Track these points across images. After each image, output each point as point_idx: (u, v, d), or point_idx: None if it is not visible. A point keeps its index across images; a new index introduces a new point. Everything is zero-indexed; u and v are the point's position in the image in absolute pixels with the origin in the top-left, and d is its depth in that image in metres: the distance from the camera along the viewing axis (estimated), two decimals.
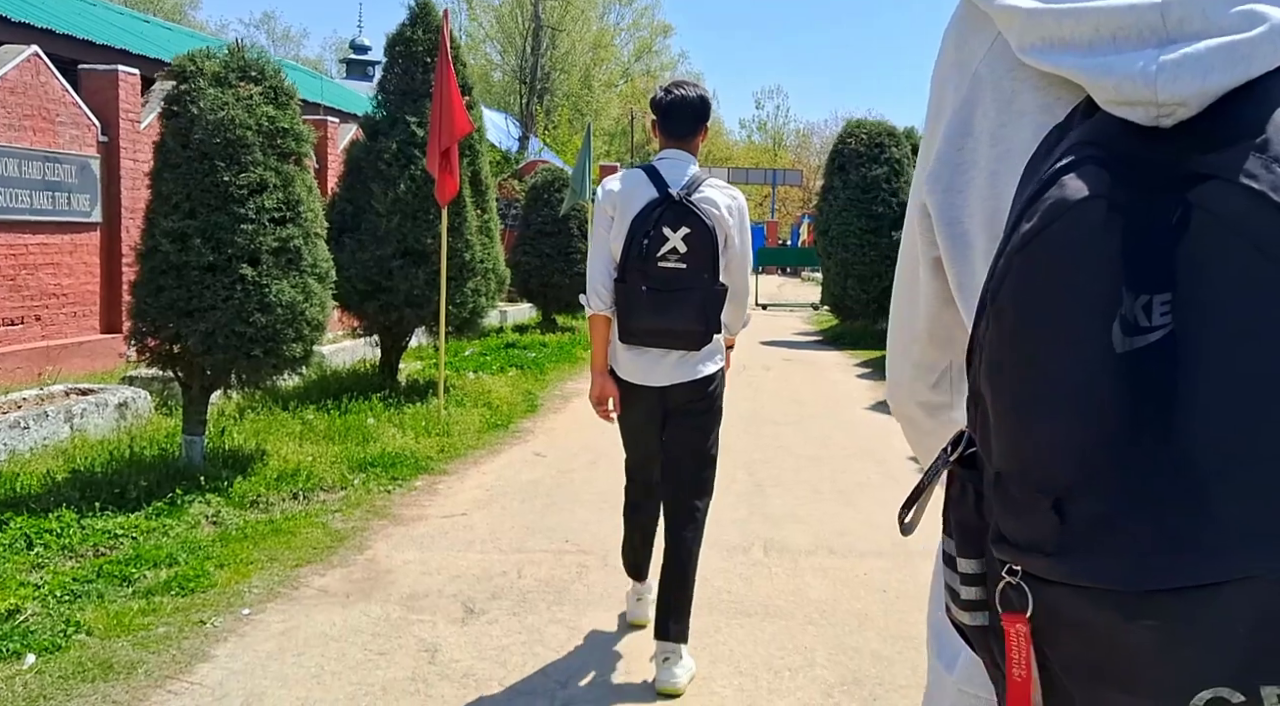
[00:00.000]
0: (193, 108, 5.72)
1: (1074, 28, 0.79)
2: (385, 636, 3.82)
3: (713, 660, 3.62)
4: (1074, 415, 0.69)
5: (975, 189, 0.90)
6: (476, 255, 8.58)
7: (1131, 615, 0.66)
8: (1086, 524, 0.68)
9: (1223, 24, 0.73)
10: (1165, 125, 0.72)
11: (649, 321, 3.33)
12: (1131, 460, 0.66)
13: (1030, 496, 0.71)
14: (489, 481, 6.31)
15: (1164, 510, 0.65)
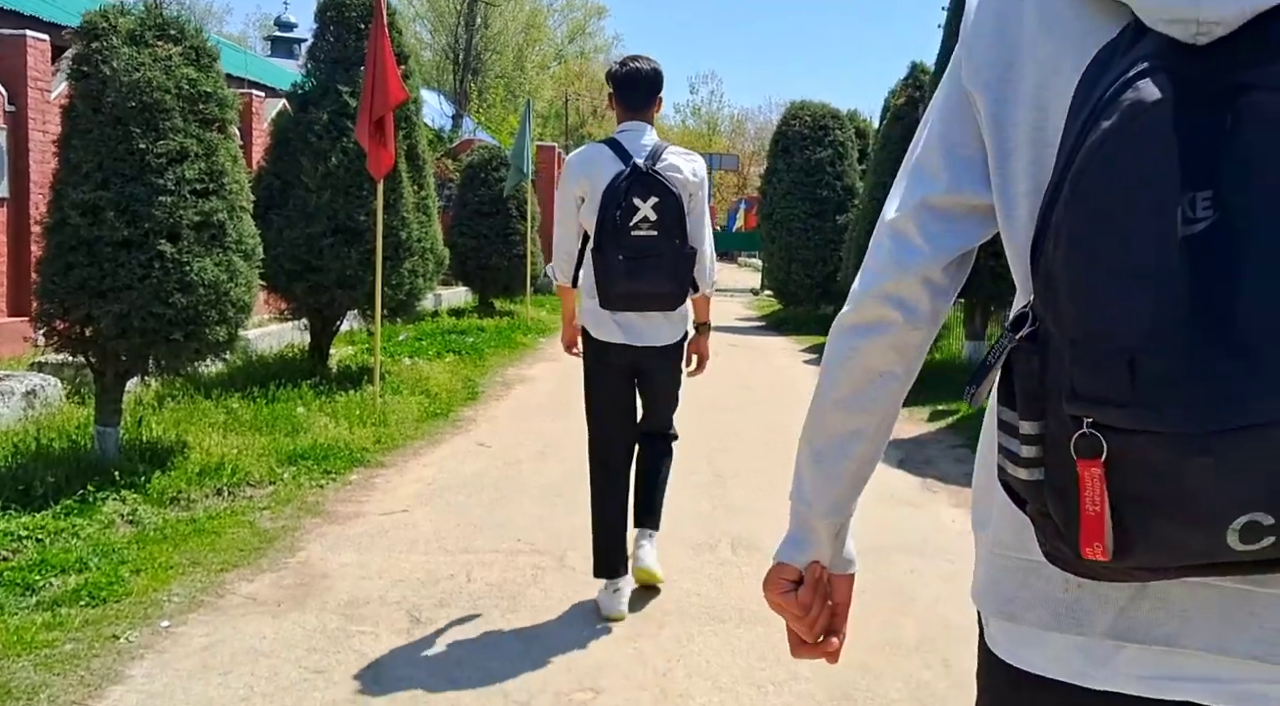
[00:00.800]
0: (104, 68, 5.22)
1: None
2: (322, 651, 3.44)
3: (689, 673, 3.31)
4: (1145, 287, 0.81)
5: (1022, 99, 0.98)
6: (413, 234, 8.15)
7: (1190, 453, 0.79)
8: (1154, 379, 0.80)
9: None
10: (1201, 43, 0.83)
11: (626, 286, 3.58)
12: (1192, 325, 0.79)
13: (1106, 358, 0.82)
14: (430, 474, 5.92)
15: (1217, 366, 0.78)
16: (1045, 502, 0.89)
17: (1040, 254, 0.89)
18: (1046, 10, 0.96)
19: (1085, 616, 0.98)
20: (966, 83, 1.04)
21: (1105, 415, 0.82)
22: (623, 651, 3.47)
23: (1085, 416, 0.83)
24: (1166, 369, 0.80)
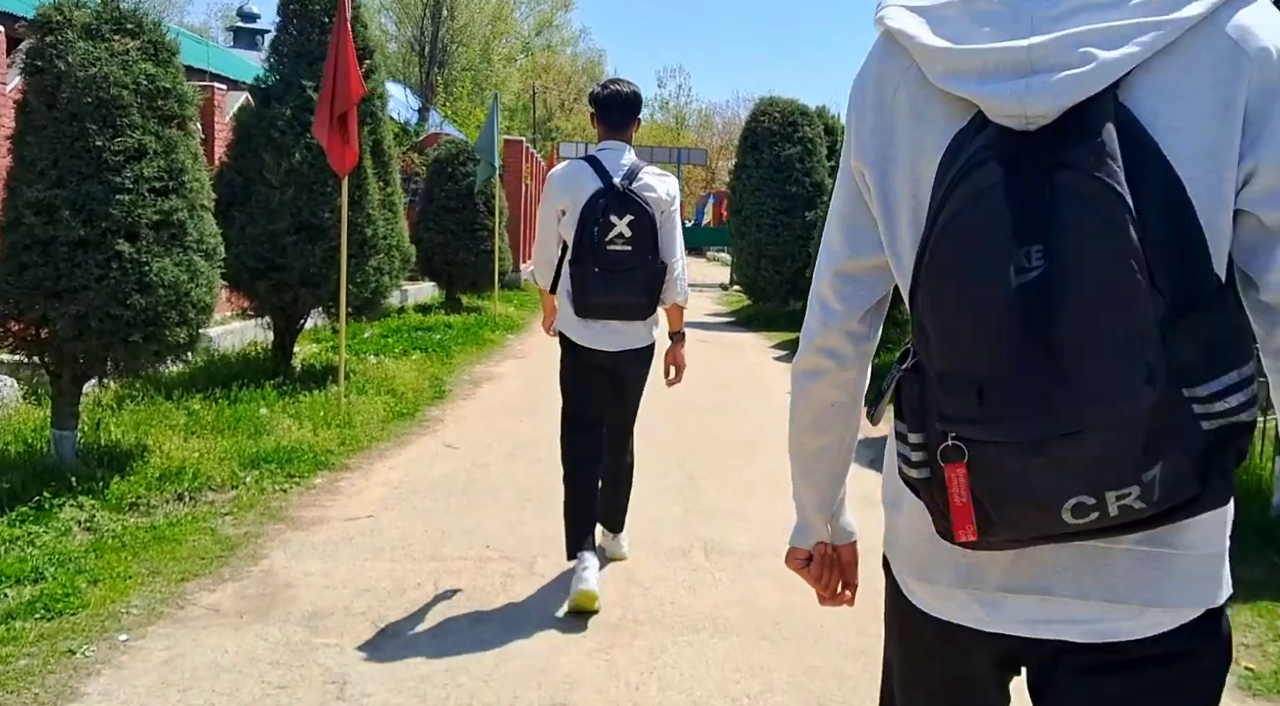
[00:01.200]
0: (59, 63, 5.08)
1: (971, 63, 1.15)
2: (285, 665, 3.35)
3: (662, 686, 3.25)
4: (986, 333, 1.07)
5: (900, 172, 1.24)
6: (379, 231, 8.03)
7: (1027, 456, 1.07)
8: (997, 403, 1.07)
9: (1068, 60, 1.09)
10: (1031, 130, 1.10)
11: (601, 297, 3.87)
12: (1023, 359, 1.05)
13: (961, 388, 1.10)
14: (396, 478, 5.82)
15: (1043, 389, 1.05)
16: (932, 495, 1.16)
17: (914, 304, 1.17)
18: (916, 101, 1.22)
19: (980, 575, 1.25)
20: (855, 158, 1.30)
21: (963, 430, 1.10)
22: (594, 664, 3.41)
23: (949, 431, 1.11)
24: (1005, 395, 1.07)
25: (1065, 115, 1.09)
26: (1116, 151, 1.06)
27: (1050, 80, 1.10)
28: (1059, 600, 1.21)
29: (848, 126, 1.33)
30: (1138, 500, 1.06)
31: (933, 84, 1.20)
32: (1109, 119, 1.08)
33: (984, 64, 1.14)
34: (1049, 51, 1.11)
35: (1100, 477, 1.06)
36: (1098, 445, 1.05)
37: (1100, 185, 1.04)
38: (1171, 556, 1.19)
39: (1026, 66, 1.11)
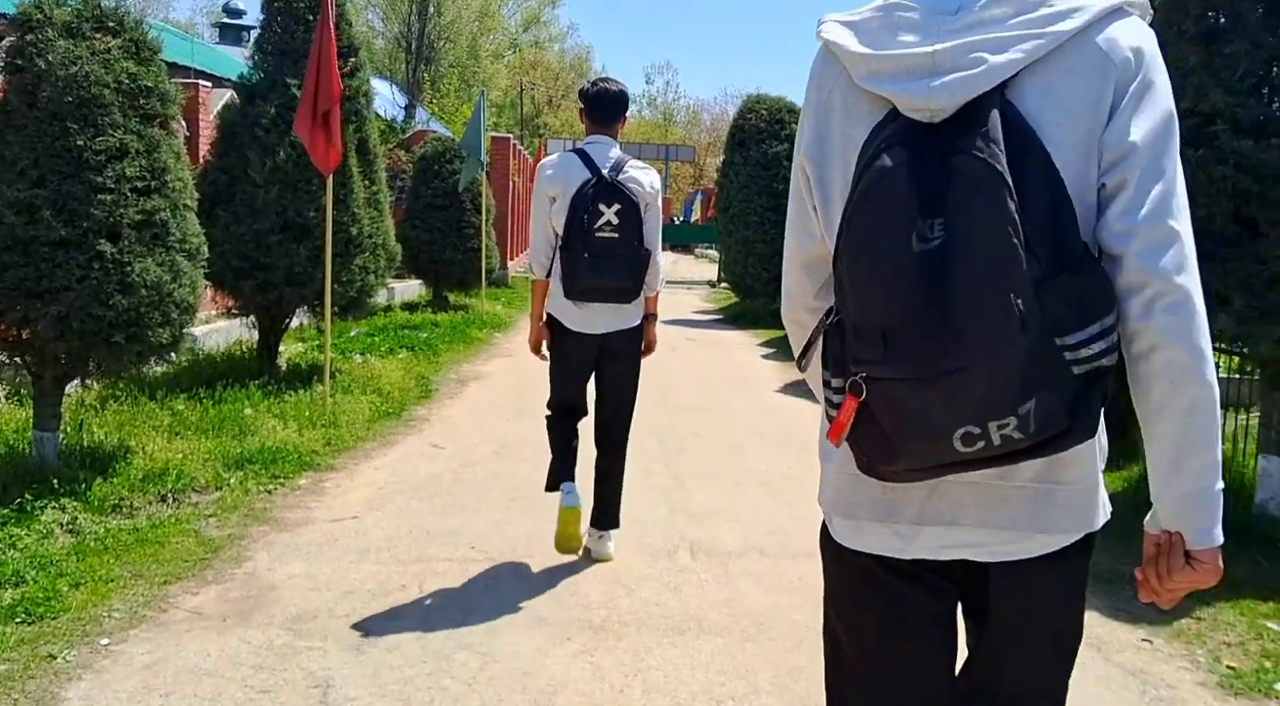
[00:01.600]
0: (40, 62, 5.03)
1: (886, 66, 1.39)
2: (268, 669, 3.33)
3: (646, 689, 3.24)
4: (891, 289, 1.29)
5: (834, 162, 1.47)
6: (364, 229, 7.99)
7: (922, 390, 1.28)
8: (898, 345, 1.29)
9: (962, 64, 1.33)
10: (935, 122, 1.34)
11: (590, 281, 4.10)
12: (922, 310, 1.27)
13: (870, 334, 1.32)
14: (382, 478, 5.80)
15: (936, 335, 1.27)
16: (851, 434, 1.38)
17: (837, 267, 1.39)
18: (846, 101, 1.46)
19: (896, 510, 1.47)
20: (801, 155, 1.53)
21: (871, 370, 1.32)
22: (579, 666, 3.39)
23: (860, 372, 1.34)
24: (904, 340, 1.29)
25: (961, 109, 1.32)
26: (1000, 139, 1.28)
27: (948, 80, 1.33)
28: (964, 528, 1.45)
29: (799, 129, 1.57)
30: (1016, 431, 1.26)
31: (858, 85, 1.42)
32: (994, 111, 1.31)
33: (896, 67, 1.38)
34: (948, 56, 1.34)
35: (983, 410, 1.26)
36: (981, 382, 1.25)
37: (985, 167, 1.27)
38: (1056, 490, 1.42)
39: (930, 69, 1.35)
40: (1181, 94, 4.85)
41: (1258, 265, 4.54)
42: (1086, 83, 1.33)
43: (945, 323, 1.25)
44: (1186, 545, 1.37)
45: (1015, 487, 1.42)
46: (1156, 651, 3.66)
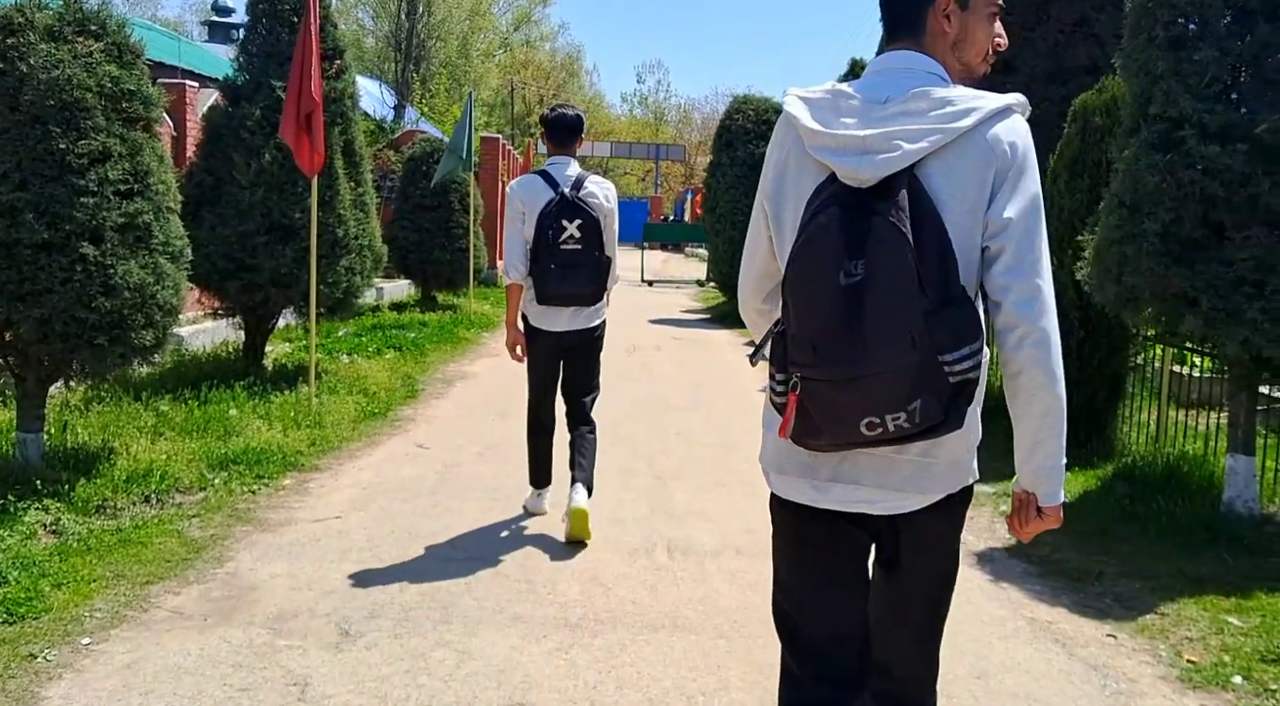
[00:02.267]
0: (21, 65, 5.05)
1: (830, 142, 1.85)
2: (248, 667, 3.38)
3: (620, 685, 3.29)
4: (820, 310, 1.75)
5: (787, 206, 1.94)
6: (350, 231, 8.03)
7: (839, 388, 1.75)
8: (824, 354, 1.75)
9: (885, 147, 1.79)
10: (863, 188, 1.79)
11: (557, 288, 4.70)
12: (842, 329, 1.72)
13: (804, 343, 1.78)
14: (366, 478, 5.85)
15: (852, 349, 1.72)
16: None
17: (784, 290, 1.85)
18: (800, 162, 1.91)
19: (817, 470, 1.96)
20: (762, 195, 2.01)
21: (803, 372, 1.79)
22: (554, 663, 3.45)
23: (796, 373, 1.80)
24: (828, 350, 1.74)
25: (881, 181, 1.78)
26: (907, 207, 1.75)
27: (875, 159, 1.79)
28: (864, 488, 1.93)
29: (763, 174, 2.02)
30: (905, 422, 1.73)
31: (808, 152, 1.88)
32: (904, 186, 1.76)
33: (837, 143, 1.83)
34: (875, 141, 1.80)
35: (882, 407, 1.72)
36: (882, 386, 1.72)
37: (895, 231, 1.73)
38: (932, 464, 1.90)
39: (861, 149, 1.80)
40: (1150, 99, 4.94)
41: (1224, 268, 4.62)
42: (975, 167, 1.80)
43: (859, 339, 1.72)
44: (1039, 503, 1.90)
45: (904, 460, 1.90)
46: (1120, 646, 3.74)
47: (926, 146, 1.78)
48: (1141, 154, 4.89)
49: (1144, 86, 4.99)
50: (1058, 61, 7.34)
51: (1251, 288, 4.57)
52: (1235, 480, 4.97)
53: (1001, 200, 1.80)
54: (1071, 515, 5.12)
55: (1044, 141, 6.84)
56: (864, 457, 1.90)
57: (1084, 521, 5.06)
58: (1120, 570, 4.46)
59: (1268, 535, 4.74)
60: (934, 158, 1.78)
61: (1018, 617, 3.98)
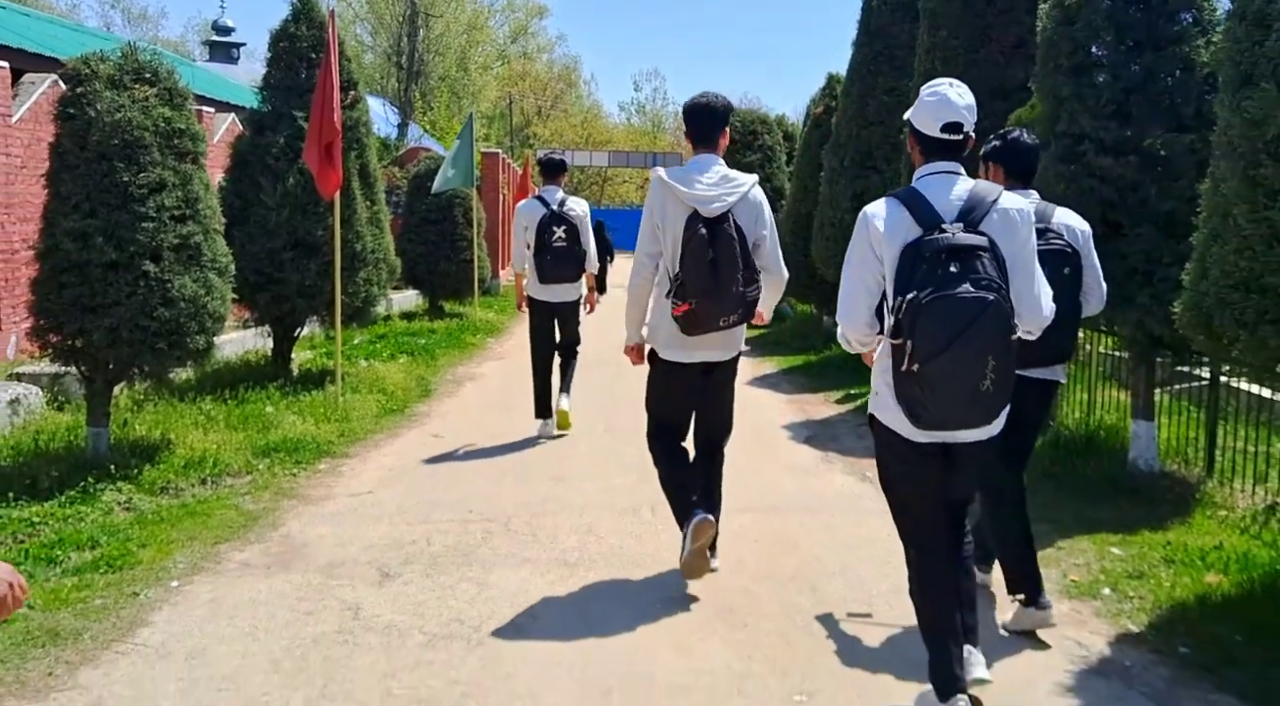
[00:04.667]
0: (89, 110, 5.90)
1: (691, 195, 4.19)
2: (309, 599, 4.20)
3: (606, 603, 4.12)
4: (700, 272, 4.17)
5: (670, 227, 4.24)
6: (367, 246, 8.86)
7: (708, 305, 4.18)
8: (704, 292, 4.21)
9: (719, 198, 4.19)
10: (711, 218, 4.17)
11: (551, 272, 7.29)
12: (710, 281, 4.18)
13: (693, 288, 4.19)
14: (390, 462, 6.67)
15: (716, 289, 4.14)
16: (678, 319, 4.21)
17: (679, 266, 4.19)
18: (674, 204, 4.21)
19: (687, 344, 4.29)
20: (654, 218, 4.29)
21: (693, 300, 4.13)
22: (555, 589, 4.28)
23: (689, 299, 4.13)
24: (704, 291, 4.12)
25: (721, 215, 4.15)
26: (733, 225, 4.16)
27: (715, 205, 4.16)
28: (712, 351, 4.34)
29: (651, 204, 4.32)
30: (734, 319, 4.22)
31: (680, 199, 4.18)
32: (729, 216, 4.17)
33: (696, 196, 4.17)
34: (714, 195, 4.18)
35: (728, 312, 4.17)
36: (728, 303, 4.15)
37: (730, 234, 4.14)
38: (738, 337, 4.38)
39: (710, 199, 4.17)
40: (1058, 118, 5.76)
41: (1120, 260, 5.43)
42: (750, 209, 4.25)
43: (719, 285, 4.11)
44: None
45: (731, 334, 4.31)
46: None
47: (734, 199, 4.18)
48: (1051, 165, 5.70)
49: (1053, 107, 5.81)
50: (1000, 79, 8.15)
51: (1142, 277, 5.39)
52: (1138, 442, 5.79)
53: (761, 227, 4.28)
54: None
55: None
56: (715, 337, 4.25)
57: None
58: (1033, 517, 5.25)
59: (1162, 488, 5.55)
60: (738, 204, 4.19)
61: None
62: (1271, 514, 4.95)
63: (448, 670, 3.53)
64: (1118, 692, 3.41)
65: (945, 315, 2.81)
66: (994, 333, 2.84)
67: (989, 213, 3.00)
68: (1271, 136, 3.57)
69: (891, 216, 3.03)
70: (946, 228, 2.95)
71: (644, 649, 3.72)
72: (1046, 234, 3.82)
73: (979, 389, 2.86)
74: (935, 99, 3.09)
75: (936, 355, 2.82)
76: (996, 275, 2.91)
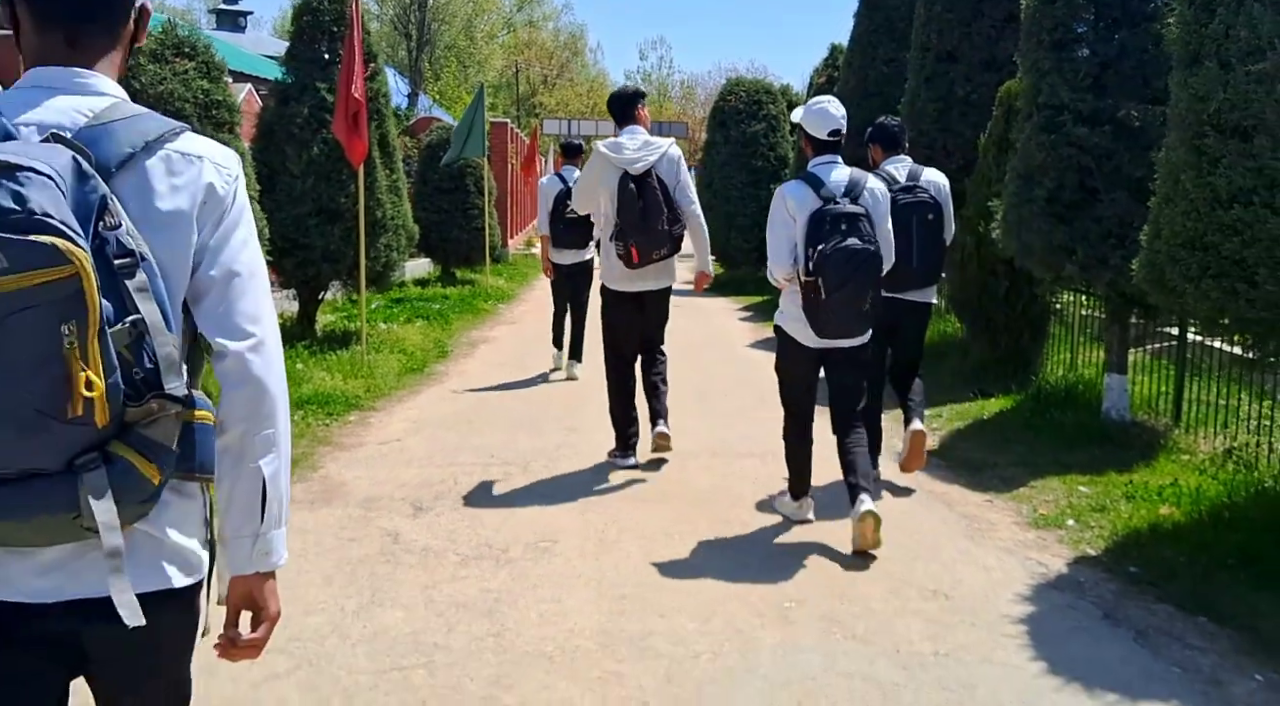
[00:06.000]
0: (134, 83, 6.34)
1: (621, 158, 5.38)
2: (352, 528, 4.68)
3: (620, 529, 4.60)
4: (634, 217, 5.39)
5: (607, 183, 5.41)
6: (388, 213, 9.30)
7: (646, 243, 5.41)
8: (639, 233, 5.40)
9: (643, 159, 5.39)
10: (636, 175, 5.37)
11: (563, 239, 8.30)
12: (641, 223, 5.38)
13: (630, 230, 5.40)
14: (415, 414, 7.14)
15: (649, 229, 5.36)
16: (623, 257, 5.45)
17: (618, 215, 5.37)
18: (610, 167, 5.39)
19: (632, 277, 5.55)
20: (595, 179, 5.47)
21: (632, 239, 5.31)
22: (574, 519, 4.76)
23: (630, 241, 5.32)
24: (639, 232, 5.29)
25: (645, 171, 5.35)
26: (655, 179, 5.37)
27: (638, 165, 5.32)
28: (647, 281, 5.56)
29: (593, 167, 5.53)
30: (667, 252, 5.50)
31: (613, 163, 5.33)
32: (653, 173, 5.41)
33: (625, 159, 5.34)
34: (639, 156, 5.35)
35: (659, 247, 5.39)
36: (659, 239, 5.38)
37: (653, 186, 5.34)
38: (671, 268, 5.70)
39: (635, 161, 5.33)
40: (1039, 91, 6.16)
41: (1095, 224, 5.85)
42: (669, 166, 5.45)
43: (650, 225, 5.30)
44: None
45: (663, 267, 5.54)
46: (992, 506, 5.02)
47: (655, 158, 5.43)
48: (1033, 135, 6.11)
49: (1035, 80, 6.20)
50: (992, 52, 8.53)
51: (1115, 240, 5.80)
52: (1111, 394, 6.23)
53: (676, 176, 5.49)
54: (985, 428, 6.40)
55: (982, 123, 8.09)
56: (647, 269, 5.37)
57: (994, 432, 6.35)
58: (1010, 461, 5.74)
59: (1132, 435, 6.00)
60: (658, 161, 5.39)
61: (919, 490, 5.28)
62: (1229, 456, 5.40)
63: (480, 582, 4.01)
64: (1070, 602, 3.88)
65: (843, 261, 4.19)
66: (872, 272, 4.29)
67: (864, 191, 4.40)
68: (1214, 110, 3.98)
69: (801, 192, 4.37)
70: (838, 200, 4.30)
71: (651, 567, 4.20)
72: (915, 189, 5.22)
73: (862, 310, 4.30)
74: (821, 112, 4.49)
75: (839, 288, 4.19)
76: (871, 233, 4.30)
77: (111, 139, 1.43)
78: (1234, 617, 3.70)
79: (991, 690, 3.20)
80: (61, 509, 1.36)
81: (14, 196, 1.27)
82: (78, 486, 1.35)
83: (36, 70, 1.49)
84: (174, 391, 1.42)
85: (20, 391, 1.29)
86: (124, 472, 1.38)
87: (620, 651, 3.43)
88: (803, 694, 3.16)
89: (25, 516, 1.35)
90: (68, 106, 1.46)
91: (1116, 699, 3.15)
